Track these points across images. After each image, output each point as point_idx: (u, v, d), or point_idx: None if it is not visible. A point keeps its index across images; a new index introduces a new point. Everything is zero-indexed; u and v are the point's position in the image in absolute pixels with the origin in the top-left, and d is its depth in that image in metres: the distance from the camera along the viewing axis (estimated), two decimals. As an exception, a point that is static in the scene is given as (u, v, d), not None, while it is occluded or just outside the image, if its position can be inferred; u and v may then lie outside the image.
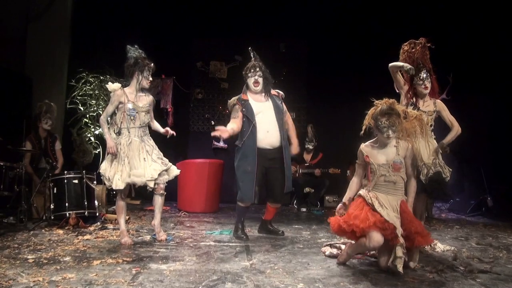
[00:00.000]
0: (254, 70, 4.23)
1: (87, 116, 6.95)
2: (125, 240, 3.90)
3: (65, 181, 4.91)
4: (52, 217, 4.78)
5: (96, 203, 5.06)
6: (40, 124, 5.59)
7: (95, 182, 5.09)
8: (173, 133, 4.18)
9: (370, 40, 7.16)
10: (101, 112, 6.79)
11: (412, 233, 3.03)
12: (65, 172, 5.06)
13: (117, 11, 7.26)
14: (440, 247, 3.88)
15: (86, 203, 4.89)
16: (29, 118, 5.84)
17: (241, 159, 4.16)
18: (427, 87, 3.89)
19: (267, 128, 4.15)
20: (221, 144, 7.62)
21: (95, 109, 6.93)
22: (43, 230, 4.48)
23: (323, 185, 6.94)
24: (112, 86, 3.98)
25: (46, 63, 6.85)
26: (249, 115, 4.15)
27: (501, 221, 5.75)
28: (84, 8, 7.20)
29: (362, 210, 3.08)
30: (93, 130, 6.97)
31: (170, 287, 2.67)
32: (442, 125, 4.05)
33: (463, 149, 7.19)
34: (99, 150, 6.95)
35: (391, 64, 3.90)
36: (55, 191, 4.88)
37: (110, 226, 4.76)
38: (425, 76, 3.88)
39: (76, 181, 4.94)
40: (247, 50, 4.43)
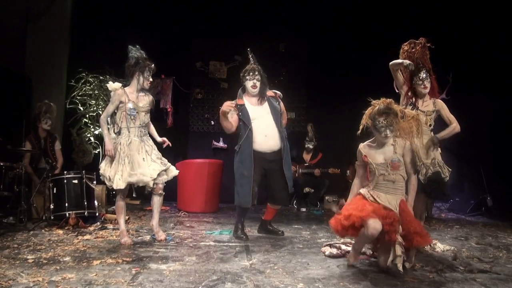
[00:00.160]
0: (253, 73, 4.22)
1: (87, 116, 6.95)
2: (125, 240, 3.91)
3: (65, 181, 4.91)
4: (52, 217, 4.79)
5: (96, 203, 5.06)
6: (40, 124, 5.59)
7: (94, 182, 5.10)
8: (169, 143, 4.20)
9: (370, 40, 7.16)
10: (100, 112, 6.78)
11: (411, 233, 3.02)
12: (65, 172, 5.06)
13: (117, 11, 7.25)
14: (440, 247, 3.88)
15: (85, 203, 4.89)
16: (28, 118, 5.84)
17: (238, 163, 4.19)
18: (427, 87, 3.89)
19: (265, 133, 4.16)
20: (221, 144, 7.63)
21: (94, 109, 6.94)
22: (42, 230, 4.48)
23: (322, 185, 6.94)
24: (112, 86, 3.98)
25: (46, 63, 6.84)
26: (245, 119, 4.16)
27: (500, 221, 5.76)
28: (84, 8, 7.19)
29: (360, 202, 3.10)
30: (92, 130, 6.97)
31: (170, 287, 2.67)
32: (442, 125, 4.05)
33: (463, 149, 7.20)
34: (98, 150, 6.96)
35: (391, 62, 3.90)
36: (54, 191, 4.88)
37: (110, 226, 4.76)
38: (425, 76, 3.87)
39: (75, 181, 4.94)
40: (247, 50, 4.43)
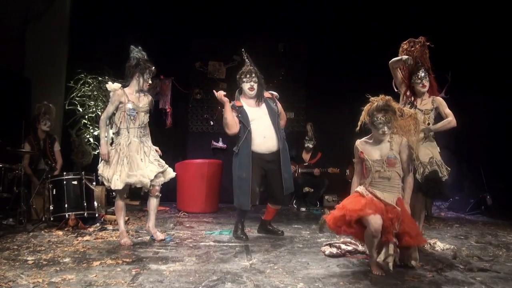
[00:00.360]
0: (249, 75, 4.23)
1: (86, 117, 6.94)
2: (125, 241, 3.91)
3: (64, 182, 4.90)
4: (52, 219, 4.79)
5: (96, 204, 5.06)
6: (39, 126, 5.58)
7: (94, 183, 5.09)
8: (160, 153, 4.17)
9: (370, 40, 7.15)
10: (99, 113, 6.79)
11: (401, 232, 3.02)
12: (64, 173, 5.05)
13: (116, 11, 7.24)
14: (439, 245, 3.88)
15: (85, 204, 4.89)
16: (28, 119, 5.83)
17: (237, 165, 4.19)
18: (425, 85, 3.89)
19: (263, 134, 4.17)
20: (220, 144, 7.62)
21: (93, 110, 6.93)
22: (42, 232, 4.48)
23: (322, 185, 6.94)
24: (112, 86, 3.99)
25: (45, 64, 6.83)
26: (244, 121, 4.17)
27: (500, 220, 5.75)
28: (83, 9, 7.17)
29: (355, 198, 3.08)
30: (92, 131, 6.96)
31: (170, 287, 2.67)
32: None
33: (463, 148, 7.21)
34: (98, 151, 6.93)
35: (391, 60, 3.90)
36: (54, 192, 4.87)
37: (110, 227, 4.76)
38: (423, 75, 3.88)
39: (75, 182, 4.93)
40: (241, 51, 4.42)
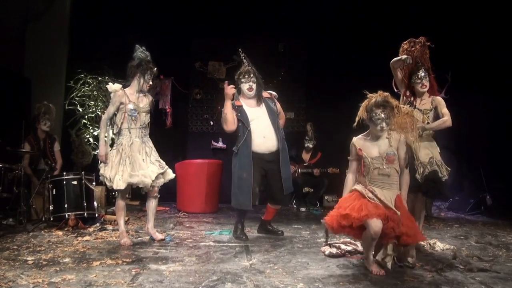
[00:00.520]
0: (248, 75, 4.24)
1: (86, 117, 6.94)
2: (125, 241, 3.91)
3: (64, 182, 4.90)
4: (52, 219, 4.78)
5: (95, 204, 5.06)
6: (39, 126, 5.58)
7: (94, 183, 5.09)
8: None
9: (370, 40, 7.15)
10: (99, 113, 6.79)
11: (399, 234, 2.99)
12: (64, 173, 5.05)
13: (116, 11, 7.24)
14: (439, 246, 3.88)
15: (85, 204, 4.88)
16: (28, 119, 5.83)
17: (237, 165, 4.19)
18: (425, 85, 3.89)
19: (263, 134, 4.17)
20: (220, 144, 7.62)
21: (93, 110, 6.93)
22: (42, 232, 4.48)
23: (322, 185, 6.94)
24: (112, 87, 3.99)
25: (45, 64, 6.83)
26: (244, 120, 4.17)
27: (500, 220, 5.76)
28: (83, 9, 7.17)
29: (359, 201, 3.04)
30: (91, 131, 6.96)
31: (170, 287, 2.67)
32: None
33: (463, 148, 7.21)
34: (97, 151, 6.93)
35: (392, 60, 3.91)
36: (54, 193, 4.87)
37: (110, 227, 4.76)
38: (423, 74, 3.87)
39: (75, 182, 4.93)
40: (243, 50, 4.42)
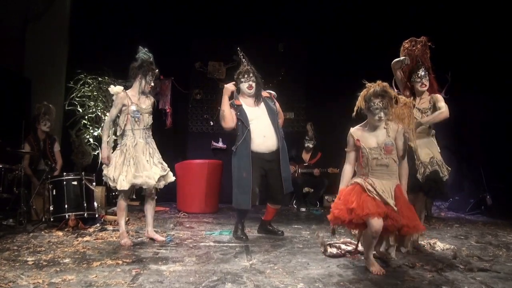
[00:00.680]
0: (247, 75, 4.25)
1: (86, 117, 6.94)
2: (125, 241, 3.91)
3: (64, 182, 4.91)
4: (52, 219, 4.79)
5: (96, 204, 5.07)
6: (39, 126, 5.58)
7: (94, 183, 5.09)
8: None
9: (370, 40, 7.15)
10: (99, 114, 6.80)
11: (399, 226, 3.01)
12: (64, 173, 5.05)
13: (116, 11, 7.24)
14: (439, 245, 3.88)
15: (85, 204, 4.89)
16: (28, 119, 5.83)
17: (236, 165, 4.19)
18: (425, 85, 3.90)
19: (263, 133, 4.18)
20: (220, 144, 7.63)
21: (93, 110, 6.93)
22: (42, 232, 4.48)
23: (322, 185, 6.94)
24: (114, 89, 4.00)
25: (45, 64, 6.83)
26: (243, 120, 4.17)
27: (500, 220, 5.75)
28: (83, 9, 7.17)
29: (362, 197, 3.03)
30: (91, 131, 6.96)
31: (170, 287, 2.68)
32: (442, 125, 4.04)
33: (463, 148, 7.21)
34: (98, 151, 6.94)
35: (393, 61, 3.92)
36: (54, 193, 4.87)
37: (110, 228, 4.76)
38: (423, 74, 3.88)
39: (75, 182, 4.93)
40: (243, 50, 4.42)
